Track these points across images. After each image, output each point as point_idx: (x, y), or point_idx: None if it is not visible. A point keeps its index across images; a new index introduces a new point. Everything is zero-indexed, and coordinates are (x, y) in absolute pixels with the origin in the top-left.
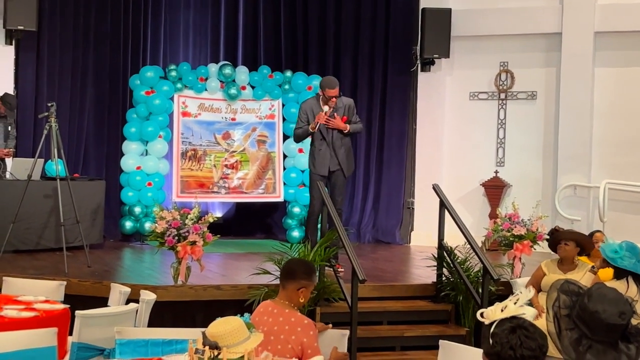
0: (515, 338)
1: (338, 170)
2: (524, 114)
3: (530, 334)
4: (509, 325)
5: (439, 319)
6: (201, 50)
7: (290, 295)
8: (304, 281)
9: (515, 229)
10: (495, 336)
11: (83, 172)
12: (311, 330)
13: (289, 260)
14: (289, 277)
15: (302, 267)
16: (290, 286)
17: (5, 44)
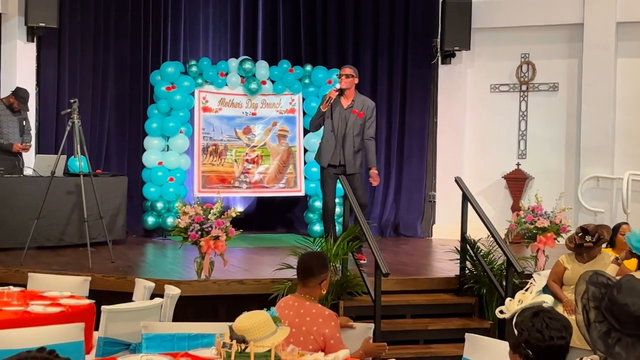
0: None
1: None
2: (546, 105)
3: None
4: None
5: (462, 312)
6: (221, 45)
7: (311, 290)
8: (323, 275)
9: (538, 221)
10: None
11: (105, 168)
12: (332, 321)
13: (302, 257)
14: (309, 275)
15: (318, 262)
16: (311, 283)
17: (27, 41)
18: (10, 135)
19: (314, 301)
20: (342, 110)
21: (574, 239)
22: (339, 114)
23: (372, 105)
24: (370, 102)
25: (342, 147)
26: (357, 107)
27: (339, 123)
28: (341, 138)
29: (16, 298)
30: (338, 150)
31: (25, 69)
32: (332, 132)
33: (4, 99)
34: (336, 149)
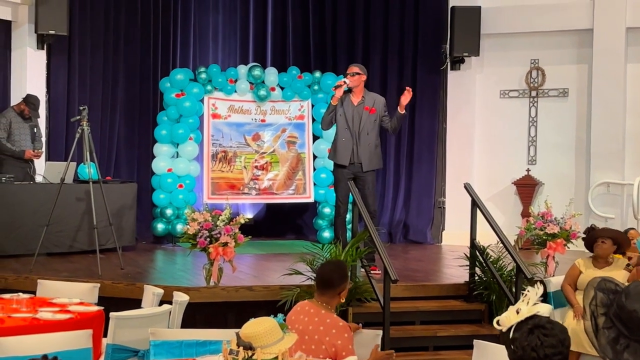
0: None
1: (359, 166)
2: (556, 111)
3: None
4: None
5: (472, 318)
6: (230, 52)
7: (330, 300)
8: (342, 285)
9: (548, 227)
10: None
11: (115, 175)
12: (346, 333)
13: (322, 268)
14: (329, 286)
15: (338, 274)
16: (330, 292)
17: (37, 48)
18: (21, 142)
19: (330, 310)
20: (353, 107)
21: None
22: (351, 111)
23: (383, 101)
24: (380, 98)
25: (357, 144)
26: (368, 104)
27: (354, 120)
28: (357, 135)
29: (25, 305)
30: (357, 147)
31: (36, 77)
32: (347, 130)
33: (15, 107)
34: (355, 146)
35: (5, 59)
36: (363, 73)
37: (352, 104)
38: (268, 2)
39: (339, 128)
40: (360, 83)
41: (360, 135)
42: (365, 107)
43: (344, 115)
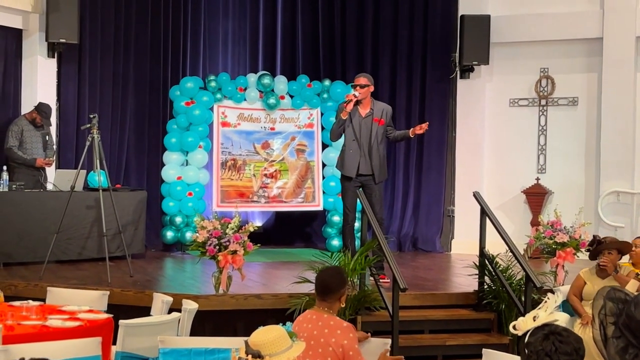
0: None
1: (370, 178)
2: (565, 120)
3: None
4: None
5: (481, 327)
6: (240, 60)
7: (331, 305)
8: (341, 290)
9: (557, 236)
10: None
11: (124, 183)
12: (351, 333)
13: (319, 275)
14: (328, 292)
15: (336, 279)
16: (330, 298)
17: (48, 56)
18: (33, 150)
19: (332, 314)
20: (361, 118)
21: None
22: (359, 122)
23: (390, 110)
24: (388, 108)
25: (369, 156)
26: (377, 115)
27: (362, 132)
28: (367, 147)
29: (35, 312)
30: (366, 160)
31: (46, 85)
32: (355, 141)
33: (27, 115)
34: (363, 158)
35: (16, 67)
36: (371, 84)
37: (359, 115)
38: (278, 11)
39: (346, 139)
40: (368, 94)
41: (370, 147)
42: (375, 119)
43: (351, 127)
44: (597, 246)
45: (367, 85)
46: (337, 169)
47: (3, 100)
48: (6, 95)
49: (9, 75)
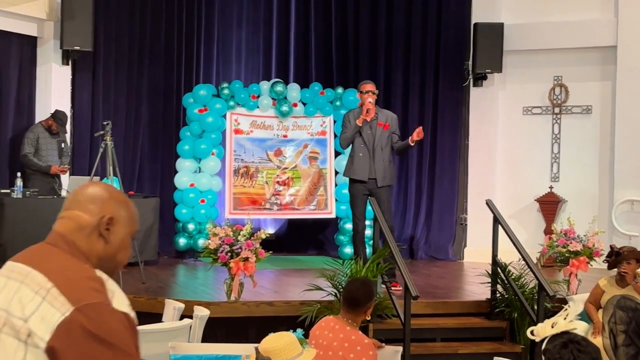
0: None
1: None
2: (579, 128)
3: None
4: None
5: (493, 336)
6: (253, 68)
7: (355, 318)
8: (369, 304)
9: (571, 244)
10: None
11: (138, 190)
12: (371, 350)
13: (349, 287)
14: (356, 305)
15: (365, 293)
16: (357, 311)
17: (62, 64)
18: (49, 158)
19: (354, 327)
20: (367, 123)
21: None
22: (365, 127)
23: (395, 118)
24: (393, 115)
25: (373, 160)
26: (382, 120)
27: (368, 137)
28: (372, 151)
29: None
30: (372, 164)
31: (61, 92)
32: (364, 146)
33: (43, 122)
34: (371, 162)
35: (30, 75)
36: (377, 90)
37: (366, 120)
38: (291, 19)
39: (355, 144)
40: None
41: (375, 151)
42: (379, 123)
43: (360, 132)
44: (617, 257)
45: (375, 92)
46: (346, 176)
47: (18, 108)
48: (21, 103)
49: (23, 83)
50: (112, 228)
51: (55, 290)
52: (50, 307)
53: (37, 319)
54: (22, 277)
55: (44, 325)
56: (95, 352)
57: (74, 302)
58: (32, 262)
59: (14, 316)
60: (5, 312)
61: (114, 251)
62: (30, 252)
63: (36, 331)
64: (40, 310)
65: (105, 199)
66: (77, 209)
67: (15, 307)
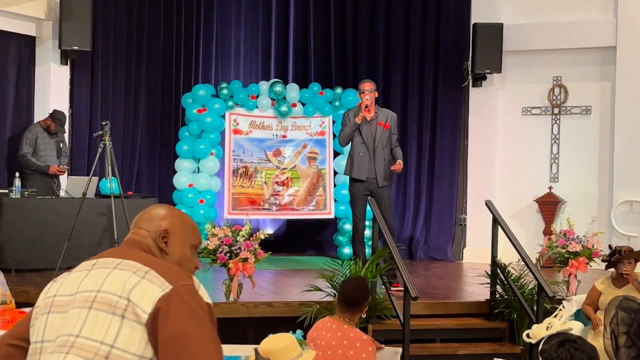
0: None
1: (374, 181)
2: (578, 129)
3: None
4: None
5: (492, 337)
6: (252, 68)
7: (352, 316)
8: (366, 302)
9: (570, 245)
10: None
11: (136, 190)
12: (370, 347)
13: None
14: (353, 305)
15: (362, 292)
16: (354, 310)
17: (61, 64)
18: (47, 158)
19: (352, 325)
20: (367, 122)
21: None
22: (366, 127)
23: (395, 117)
24: (392, 114)
25: (373, 159)
26: (381, 119)
27: (368, 136)
28: (372, 150)
29: None
30: (372, 163)
31: (59, 92)
32: (364, 144)
33: (41, 122)
34: (370, 162)
35: (29, 74)
36: (375, 89)
37: (365, 119)
38: (290, 19)
39: (355, 143)
40: (373, 99)
41: (375, 150)
42: (379, 123)
43: (359, 131)
44: (617, 256)
45: (373, 90)
46: (346, 174)
47: (16, 107)
48: (19, 102)
49: (22, 83)
50: (168, 240)
51: (153, 272)
52: (151, 284)
53: (138, 294)
54: (114, 264)
55: (146, 299)
56: (186, 319)
57: (172, 282)
58: (119, 255)
59: (109, 293)
60: (95, 292)
61: (176, 263)
62: (108, 252)
63: (138, 304)
64: (139, 287)
65: (161, 216)
66: (138, 227)
67: (110, 286)
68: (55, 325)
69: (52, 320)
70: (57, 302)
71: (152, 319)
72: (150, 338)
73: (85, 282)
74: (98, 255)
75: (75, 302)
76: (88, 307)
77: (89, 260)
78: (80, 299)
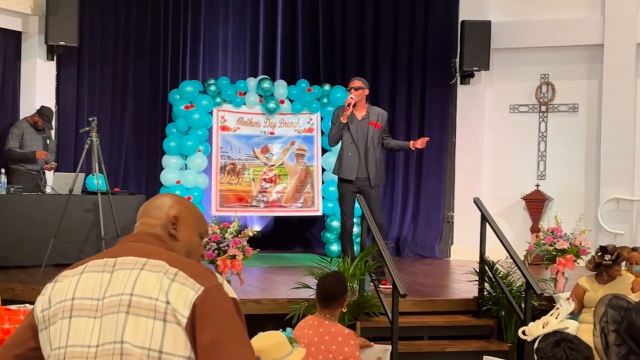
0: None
1: (366, 181)
2: (566, 126)
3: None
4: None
5: (480, 334)
6: (240, 64)
7: (333, 312)
8: (345, 296)
9: (557, 242)
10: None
11: (123, 187)
12: (352, 340)
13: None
14: (331, 300)
15: (339, 288)
16: (333, 306)
17: (47, 59)
18: None
19: (333, 320)
20: (357, 122)
21: (594, 258)
22: (356, 126)
23: (386, 115)
24: (383, 112)
25: (365, 159)
26: (372, 119)
27: (358, 135)
28: (364, 150)
29: None
30: (362, 163)
31: (45, 87)
32: (353, 144)
33: (28, 118)
34: (360, 161)
35: (15, 70)
36: (366, 87)
37: (356, 118)
38: (278, 15)
39: (344, 143)
40: (363, 97)
41: (367, 150)
42: (371, 122)
43: (348, 130)
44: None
45: (362, 88)
46: (335, 174)
47: (2, 103)
48: (5, 98)
49: (8, 78)
50: (178, 227)
51: (182, 273)
52: (183, 286)
53: (174, 296)
54: (140, 264)
55: (181, 302)
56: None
57: (203, 283)
58: (139, 253)
59: (144, 297)
60: (128, 295)
61: (185, 249)
62: (123, 249)
63: (176, 307)
64: (173, 289)
65: (170, 204)
66: (147, 216)
67: (143, 289)
68: (82, 330)
69: (77, 324)
70: (79, 305)
71: (190, 323)
72: (190, 340)
73: (113, 284)
74: (109, 252)
75: (108, 306)
76: (125, 312)
77: (101, 259)
78: (111, 303)
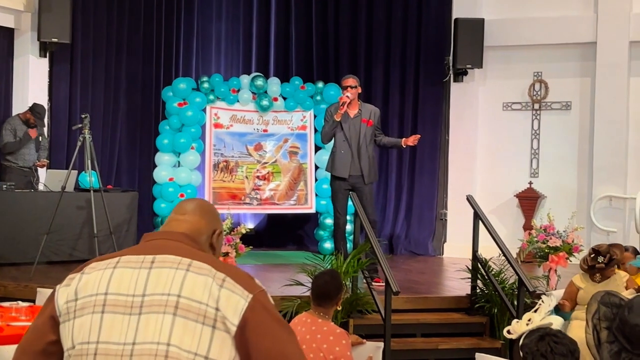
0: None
1: (360, 179)
2: (559, 124)
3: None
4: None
5: (473, 331)
6: (233, 61)
7: (327, 310)
8: (339, 295)
9: (550, 240)
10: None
11: (116, 184)
12: (343, 339)
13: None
14: (326, 299)
15: (334, 286)
16: (328, 304)
17: (40, 56)
18: (26, 151)
19: (326, 319)
20: (350, 119)
21: (587, 260)
22: (348, 123)
23: (378, 112)
24: (376, 109)
25: (358, 157)
26: (365, 116)
27: (351, 133)
28: (356, 148)
29: (24, 313)
30: (355, 160)
31: (38, 84)
32: (346, 142)
33: (20, 115)
34: (353, 159)
35: (7, 67)
36: (359, 85)
37: (348, 116)
38: (271, 13)
39: (337, 140)
40: (356, 95)
41: (359, 147)
42: (363, 120)
43: (341, 128)
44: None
45: (356, 86)
46: (327, 171)
47: None
48: None
49: (0, 75)
50: (218, 239)
51: (230, 279)
52: (233, 294)
53: (224, 303)
54: (184, 265)
55: (231, 310)
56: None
57: (250, 291)
58: (181, 253)
59: (193, 300)
60: (176, 296)
61: (217, 255)
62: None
63: (226, 315)
64: (223, 296)
65: (215, 214)
66: (195, 214)
67: (192, 292)
68: (117, 327)
69: (111, 320)
70: (113, 301)
71: (241, 331)
72: (239, 349)
73: (153, 282)
74: (142, 248)
75: (149, 305)
76: (172, 314)
77: (136, 255)
78: (154, 302)
